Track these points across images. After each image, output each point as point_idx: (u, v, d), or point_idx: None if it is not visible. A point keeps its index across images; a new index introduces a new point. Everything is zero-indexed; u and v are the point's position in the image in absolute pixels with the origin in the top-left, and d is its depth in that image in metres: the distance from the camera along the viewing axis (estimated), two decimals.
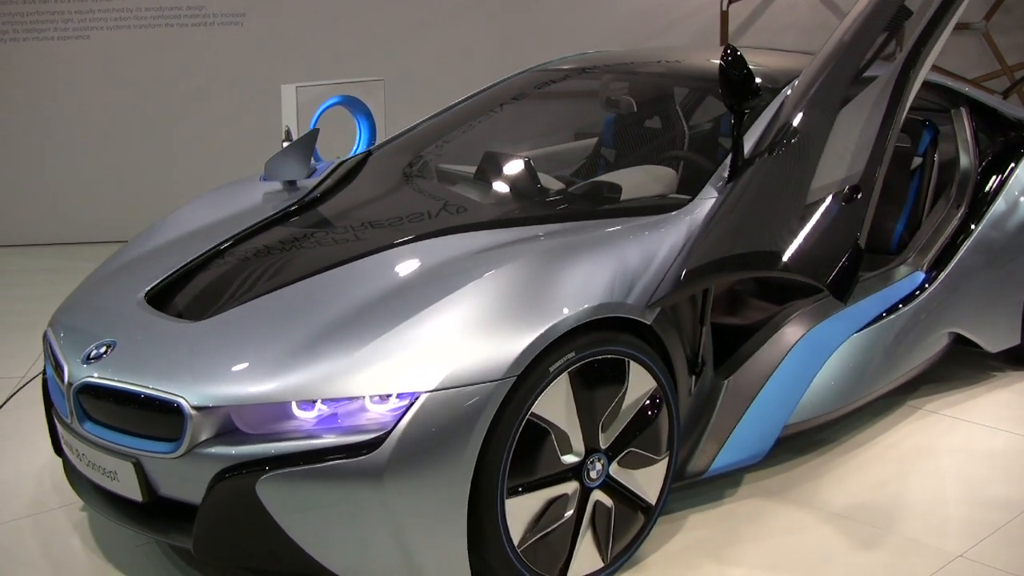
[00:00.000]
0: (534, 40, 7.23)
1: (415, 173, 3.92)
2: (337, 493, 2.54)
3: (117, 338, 2.90)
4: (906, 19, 3.24)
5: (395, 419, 2.54)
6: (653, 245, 3.03)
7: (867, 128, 3.03)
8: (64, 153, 7.01)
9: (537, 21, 7.41)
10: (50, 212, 7.06)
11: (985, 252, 4.19)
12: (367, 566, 2.64)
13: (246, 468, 2.57)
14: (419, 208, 3.55)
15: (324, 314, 2.79)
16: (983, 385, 4.38)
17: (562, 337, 2.71)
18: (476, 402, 2.56)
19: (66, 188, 7.04)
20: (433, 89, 6.38)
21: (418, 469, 2.54)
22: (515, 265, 2.82)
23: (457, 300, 2.72)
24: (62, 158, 7.02)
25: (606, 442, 2.87)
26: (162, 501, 2.77)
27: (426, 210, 3.49)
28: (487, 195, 3.62)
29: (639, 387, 2.92)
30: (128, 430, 2.76)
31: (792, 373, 3.46)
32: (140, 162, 7.05)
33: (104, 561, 3.08)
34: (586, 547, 2.88)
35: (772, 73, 3.74)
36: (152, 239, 3.55)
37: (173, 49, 6.97)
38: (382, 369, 2.59)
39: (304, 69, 6.82)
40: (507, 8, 7.35)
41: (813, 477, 3.59)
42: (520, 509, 2.71)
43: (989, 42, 7.97)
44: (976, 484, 3.56)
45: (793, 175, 3.06)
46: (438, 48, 7.20)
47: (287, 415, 2.61)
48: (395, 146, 4.22)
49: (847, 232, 2.82)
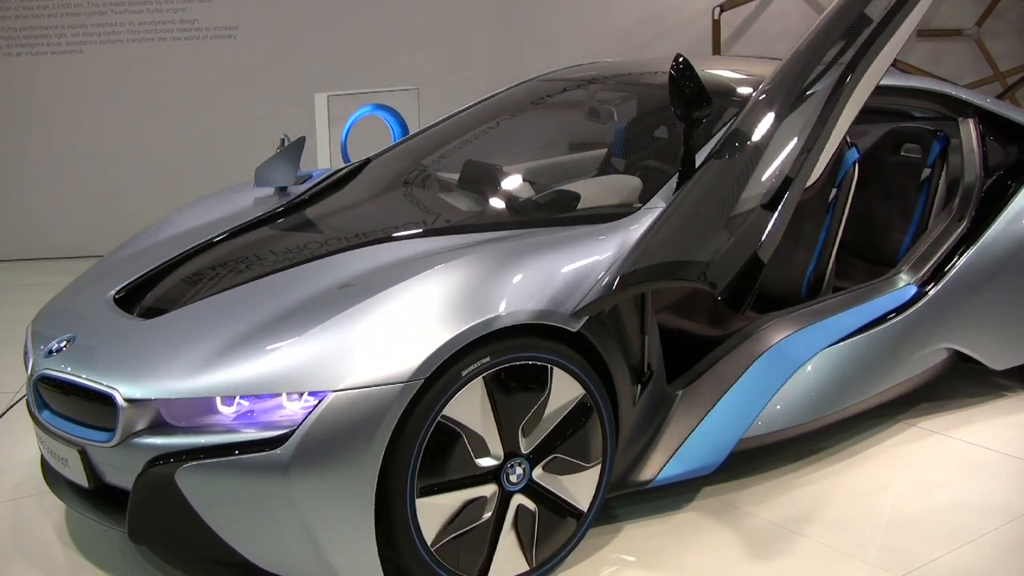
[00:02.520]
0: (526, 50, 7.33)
1: (402, 181, 4.03)
2: (248, 486, 2.66)
3: (77, 334, 3.09)
4: (865, 28, 3.19)
5: (305, 417, 2.64)
6: (585, 253, 3.05)
7: (798, 140, 3.00)
8: (59, 167, 7.10)
9: (528, 32, 7.45)
10: (43, 226, 7.13)
11: (989, 266, 4.06)
12: (281, 557, 2.75)
13: (171, 459, 2.71)
14: (385, 215, 3.66)
15: (258, 314, 2.91)
16: (987, 404, 4.24)
17: (477, 341, 2.76)
18: (382, 403, 2.64)
19: (61, 202, 7.13)
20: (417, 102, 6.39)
21: (323, 466, 2.63)
22: (434, 272, 2.88)
23: (376, 303, 2.80)
24: (56, 172, 7.11)
25: (528, 447, 2.91)
26: (107, 488, 2.93)
27: (391, 217, 3.60)
28: (456, 203, 3.70)
29: (564, 394, 2.95)
30: (75, 419, 2.94)
31: (752, 385, 3.44)
32: (135, 175, 7.13)
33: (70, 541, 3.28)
34: (508, 550, 2.92)
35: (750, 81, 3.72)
36: (137, 242, 3.76)
37: (166, 63, 7.08)
38: (299, 367, 2.70)
39: (296, 82, 6.98)
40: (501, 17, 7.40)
41: (781, 491, 3.55)
42: (433, 509, 2.78)
43: (981, 48, 7.97)
44: (950, 503, 3.47)
45: (727, 185, 3.05)
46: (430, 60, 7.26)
47: (211, 410, 2.74)
48: (392, 154, 4.34)
49: (748, 243, 2.80)
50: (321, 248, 3.32)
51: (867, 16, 3.21)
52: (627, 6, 7.54)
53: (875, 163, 4.64)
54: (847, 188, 3.95)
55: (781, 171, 2.94)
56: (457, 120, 4.43)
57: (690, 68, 3.17)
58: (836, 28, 3.23)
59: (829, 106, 3.03)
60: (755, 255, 2.76)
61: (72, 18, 6.98)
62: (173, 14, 7.01)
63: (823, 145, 3.02)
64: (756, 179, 2.96)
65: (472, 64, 7.38)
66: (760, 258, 2.76)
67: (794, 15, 7.66)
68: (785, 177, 2.92)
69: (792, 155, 2.97)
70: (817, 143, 2.99)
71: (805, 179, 2.99)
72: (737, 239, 2.83)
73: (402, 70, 7.05)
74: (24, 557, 3.21)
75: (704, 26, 7.54)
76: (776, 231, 2.85)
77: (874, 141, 4.68)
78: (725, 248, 2.83)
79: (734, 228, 2.87)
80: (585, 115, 4.23)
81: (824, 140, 3.02)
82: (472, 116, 4.43)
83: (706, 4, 7.51)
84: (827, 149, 3.06)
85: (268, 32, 7.16)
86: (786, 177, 2.92)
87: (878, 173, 4.61)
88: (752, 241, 2.80)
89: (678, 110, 3.19)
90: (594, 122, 4.18)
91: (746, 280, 2.75)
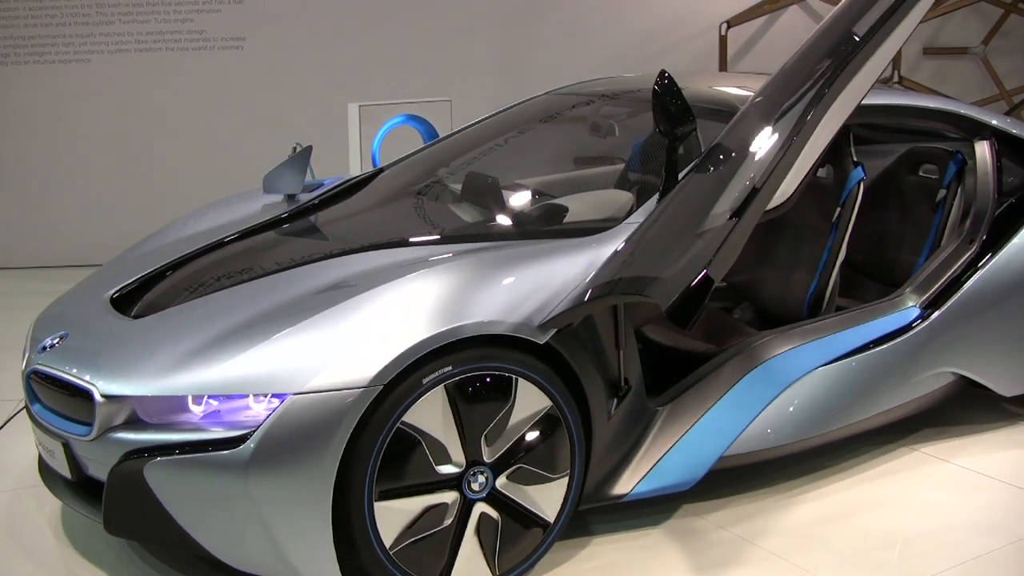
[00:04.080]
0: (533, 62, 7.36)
1: (405, 193, 4.09)
2: (210, 483, 2.74)
3: (71, 332, 3.22)
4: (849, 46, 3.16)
5: (266, 418, 2.72)
6: (557, 267, 3.08)
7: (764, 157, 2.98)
8: (66, 175, 7.15)
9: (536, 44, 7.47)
10: (52, 234, 7.19)
11: (998, 291, 3.97)
12: (243, 553, 2.83)
13: (142, 454, 2.81)
14: (378, 225, 3.73)
15: (235, 317, 3.00)
16: (995, 431, 4.14)
17: (439, 350, 2.82)
18: (341, 407, 2.71)
19: (69, 210, 7.18)
20: None
21: (281, 466, 2.70)
22: (402, 282, 2.95)
23: (342, 311, 2.88)
24: (63, 180, 7.16)
25: (491, 456, 2.95)
26: (89, 481, 3.05)
27: (382, 227, 3.67)
28: (457, 215, 3.76)
29: (530, 405, 2.98)
30: (60, 413, 3.06)
31: (736, 403, 3.42)
32: (142, 184, 7.17)
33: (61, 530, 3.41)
34: (471, 557, 2.96)
35: None
36: (143, 246, 3.89)
37: (174, 73, 7.11)
38: (265, 370, 2.78)
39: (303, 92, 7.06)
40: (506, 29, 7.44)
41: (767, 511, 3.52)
42: (392, 513, 2.83)
43: (987, 67, 8.00)
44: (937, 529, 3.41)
45: (697, 201, 3.04)
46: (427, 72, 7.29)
47: (182, 408, 2.83)
48: (403, 166, 4.41)
49: (701, 260, 2.79)
50: (309, 255, 3.40)
51: (853, 34, 3.18)
52: (633, 20, 7.57)
53: (892, 183, 4.57)
54: (851, 207, 3.91)
55: (744, 188, 2.92)
56: (470, 132, 4.49)
57: (674, 85, 3.19)
58: (822, 45, 3.21)
59: (799, 125, 3.01)
60: (705, 273, 2.75)
61: (80, 27, 7.03)
62: (181, 24, 7.06)
63: (790, 164, 3.00)
64: (724, 195, 2.96)
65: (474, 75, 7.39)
66: (711, 276, 2.75)
67: (801, 31, 7.61)
68: (747, 195, 2.91)
69: (757, 172, 2.95)
70: (783, 161, 2.97)
71: (767, 198, 2.96)
72: (693, 255, 2.83)
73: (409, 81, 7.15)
74: (16, 544, 3.35)
75: (711, 41, 7.55)
76: (730, 249, 2.84)
77: (892, 160, 4.63)
78: (682, 264, 2.83)
79: (695, 244, 2.86)
80: (589, 130, 4.25)
81: (791, 159, 3.00)
82: (485, 129, 4.48)
83: (713, 19, 7.52)
84: (796, 168, 3.04)
85: (275, 43, 7.20)
86: (748, 195, 2.91)
87: (895, 193, 4.55)
88: (704, 258, 2.79)
89: (661, 126, 3.21)
90: (596, 136, 4.19)
91: (695, 297, 2.74)
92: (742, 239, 2.89)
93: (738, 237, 2.85)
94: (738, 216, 2.85)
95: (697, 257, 2.79)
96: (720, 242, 2.80)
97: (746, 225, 2.89)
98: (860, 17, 3.15)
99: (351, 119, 5.91)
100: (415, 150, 4.54)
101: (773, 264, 4.17)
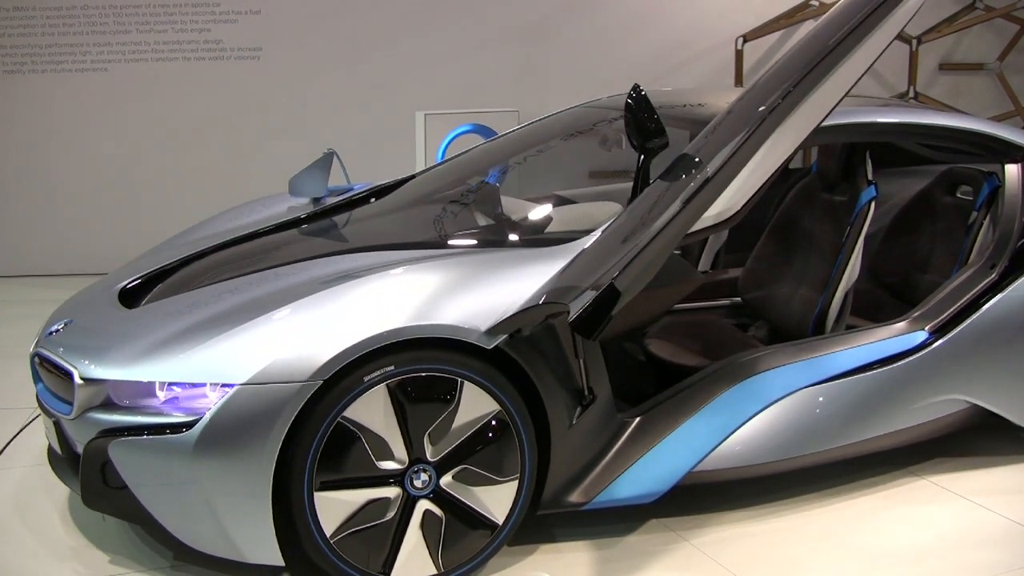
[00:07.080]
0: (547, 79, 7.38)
1: (422, 200, 4.22)
2: (163, 463, 2.93)
3: (76, 319, 3.48)
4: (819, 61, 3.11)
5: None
6: (513, 275, 3.14)
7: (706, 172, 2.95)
8: (82, 184, 7.25)
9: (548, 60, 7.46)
10: (67, 242, 7.27)
11: (1015, 319, 3.81)
12: (195, 531, 3.01)
13: (114, 434, 3.02)
14: (377, 229, 3.87)
15: (209, 309, 3.19)
16: (1008, 463, 3.96)
17: (381, 350, 2.93)
18: (281, 399, 2.86)
19: (84, 219, 7.26)
20: None
21: (224, 453, 2.87)
22: (357, 283, 3.08)
23: (297, 308, 3.03)
24: (79, 189, 7.26)
25: (435, 455, 3.04)
26: (77, 457, 3.28)
27: (379, 232, 3.80)
28: (451, 223, 3.86)
29: (476, 408, 3.05)
30: (53, 393, 3.31)
31: (711, 419, 3.40)
32: (158, 193, 7.28)
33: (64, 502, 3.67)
34: (415, 551, 3.05)
35: None
36: (168, 244, 4.14)
37: (190, 83, 7.19)
38: (222, 360, 2.96)
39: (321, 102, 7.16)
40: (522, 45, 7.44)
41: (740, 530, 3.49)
42: (332, 503, 2.95)
43: (1003, 82, 7.87)
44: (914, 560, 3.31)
45: (641, 212, 3.04)
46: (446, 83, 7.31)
47: (150, 393, 3.03)
48: (435, 172, 4.54)
49: (612, 270, 2.80)
50: (299, 256, 3.57)
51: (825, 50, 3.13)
52: (649, 35, 7.56)
53: (928, 203, 4.44)
54: (859, 226, 3.83)
55: (681, 201, 2.91)
56: (498, 143, 4.59)
57: (646, 100, 3.21)
58: (796, 60, 3.16)
59: (745, 138, 2.98)
60: (611, 284, 2.76)
61: (98, 36, 7.13)
62: (198, 34, 7.17)
63: (730, 177, 2.97)
64: (657, 206, 2.96)
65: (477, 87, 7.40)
66: (616, 287, 2.76)
67: None
68: (680, 207, 2.90)
69: (696, 185, 2.94)
70: (720, 174, 2.94)
71: (699, 210, 2.94)
72: (610, 266, 2.84)
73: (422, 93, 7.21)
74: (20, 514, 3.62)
75: (727, 55, 7.50)
76: (646, 262, 2.83)
77: (929, 181, 4.49)
78: (598, 274, 2.85)
79: (616, 254, 2.87)
80: (598, 143, 4.28)
81: (732, 172, 2.97)
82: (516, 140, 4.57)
83: (729, 34, 7.48)
84: (742, 182, 3.00)
85: (291, 54, 7.29)
86: (680, 207, 2.90)
87: (929, 214, 4.42)
88: (617, 267, 2.80)
89: (633, 140, 3.24)
90: (603, 149, 4.22)
91: (601, 308, 2.76)
92: (664, 251, 2.88)
93: (658, 249, 2.85)
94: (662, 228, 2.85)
95: (612, 267, 2.81)
96: (635, 254, 2.80)
97: (669, 237, 2.88)
98: (832, 36, 3.10)
99: (417, 126, 6.09)
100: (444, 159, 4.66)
101: (786, 282, 4.12)
